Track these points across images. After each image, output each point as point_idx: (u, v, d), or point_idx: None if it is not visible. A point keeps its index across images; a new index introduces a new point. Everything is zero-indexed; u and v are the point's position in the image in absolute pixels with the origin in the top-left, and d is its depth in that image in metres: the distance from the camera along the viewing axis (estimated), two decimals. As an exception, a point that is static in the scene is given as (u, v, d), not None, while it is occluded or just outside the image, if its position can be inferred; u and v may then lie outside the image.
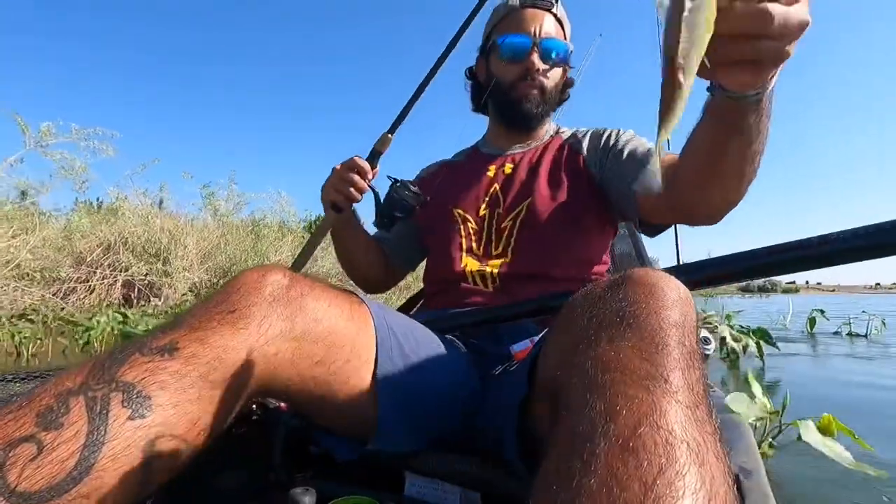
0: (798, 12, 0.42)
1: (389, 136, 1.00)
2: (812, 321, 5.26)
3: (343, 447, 0.65)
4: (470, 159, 1.16)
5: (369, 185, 0.96)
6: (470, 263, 0.95)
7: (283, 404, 0.72)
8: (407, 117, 1.02)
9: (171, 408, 0.45)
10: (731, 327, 3.50)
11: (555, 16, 1.01)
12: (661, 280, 0.49)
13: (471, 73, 1.14)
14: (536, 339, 0.78)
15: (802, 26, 0.43)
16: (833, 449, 1.35)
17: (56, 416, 0.40)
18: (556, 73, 1.03)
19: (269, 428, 0.69)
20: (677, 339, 0.42)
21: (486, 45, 1.07)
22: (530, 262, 0.93)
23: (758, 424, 1.64)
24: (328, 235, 1.09)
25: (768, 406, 1.63)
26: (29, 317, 4.82)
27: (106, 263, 6.83)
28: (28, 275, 5.76)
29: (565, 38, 1.04)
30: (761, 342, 3.31)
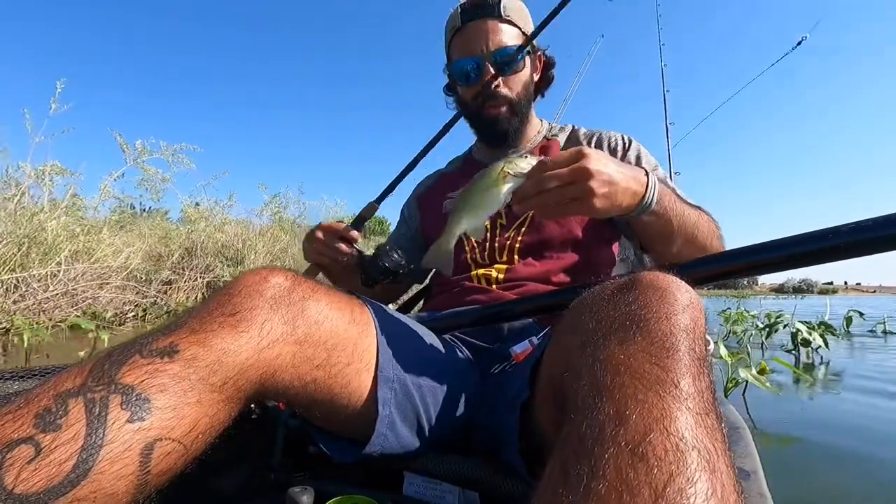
0: (562, 174, 0.60)
1: (376, 205, 0.98)
2: (849, 320, 5.49)
3: (342, 449, 0.63)
4: (465, 168, 1.12)
5: (355, 249, 0.94)
6: (474, 272, 0.94)
7: (281, 404, 0.70)
8: (395, 190, 0.99)
9: (171, 411, 0.44)
10: (804, 323, 3.87)
11: (499, 17, 0.93)
12: (671, 284, 0.47)
13: (449, 90, 1.10)
14: (536, 339, 0.76)
15: (575, 178, 0.60)
16: (757, 378, 2.11)
17: (55, 417, 0.39)
18: (520, 77, 0.97)
19: (268, 427, 0.69)
20: (687, 345, 0.41)
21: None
22: (535, 268, 0.91)
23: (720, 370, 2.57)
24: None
25: (727, 359, 2.45)
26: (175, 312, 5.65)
27: (189, 266, 7.66)
28: (137, 277, 6.60)
29: (521, 32, 0.96)
30: (825, 335, 3.75)
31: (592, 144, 1.02)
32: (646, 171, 0.71)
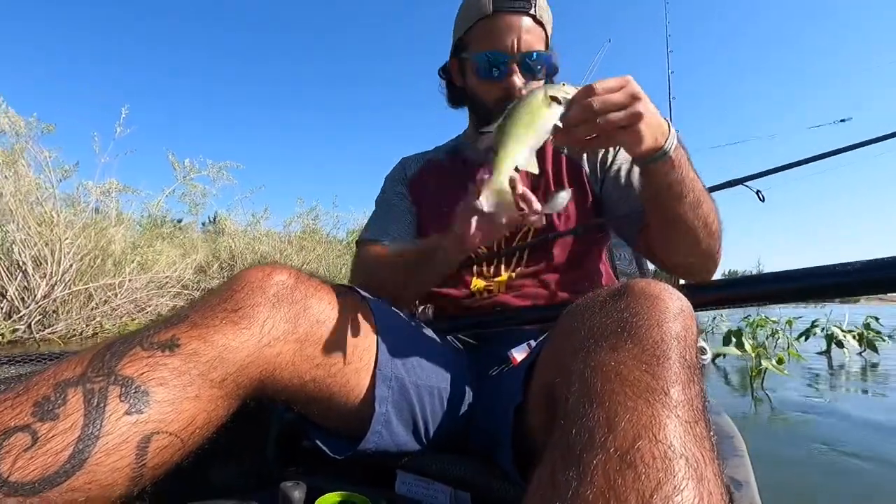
0: (616, 98, 0.56)
1: None
2: (866, 326, 5.83)
3: (336, 445, 0.63)
4: (456, 163, 1.03)
5: None
6: (477, 283, 0.91)
7: None
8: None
9: (169, 405, 0.44)
10: (838, 327, 4.51)
11: (532, 16, 0.86)
12: (663, 292, 0.47)
13: (445, 72, 1.02)
14: (534, 343, 0.75)
15: (627, 102, 0.57)
16: (775, 366, 2.80)
17: (53, 406, 0.39)
18: (538, 82, 0.90)
19: (263, 421, 0.68)
20: (678, 353, 0.41)
21: (460, 52, 0.94)
22: (539, 278, 0.89)
23: (747, 362, 3.23)
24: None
25: (752, 352, 3.07)
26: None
27: (230, 276, 8.13)
28: (187, 285, 7.08)
29: (546, 36, 0.90)
30: (874, 340, 4.38)
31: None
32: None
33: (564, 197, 0.63)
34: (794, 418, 2.16)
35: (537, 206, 0.61)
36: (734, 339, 3.57)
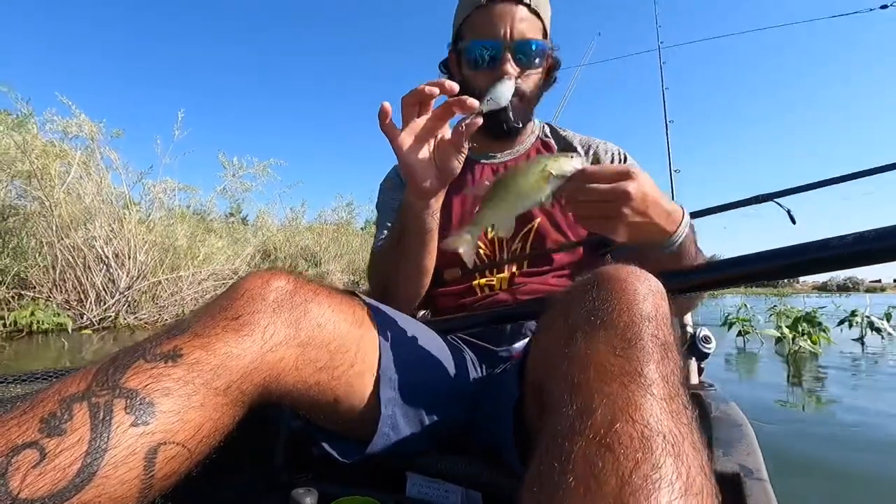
0: (600, 189, 0.58)
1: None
2: (888, 316, 6.03)
3: (345, 449, 0.63)
4: None
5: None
6: (479, 280, 0.91)
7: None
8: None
9: (175, 415, 0.44)
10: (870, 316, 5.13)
11: (528, 5, 0.86)
12: (630, 275, 0.47)
13: (445, 67, 1.01)
14: None
15: (610, 197, 0.58)
16: (810, 345, 3.42)
17: (59, 421, 0.40)
18: (534, 74, 0.91)
19: (271, 429, 0.70)
20: (650, 333, 0.41)
21: (457, 44, 0.94)
22: (541, 276, 0.90)
23: (785, 341, 3.95)
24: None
25: (788, 335, 3.70)
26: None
27: (274, 267, 8.66)
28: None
29: (543, 26, 0.90)
30: None
31: (590, 154, 0.98)
32: (683, 209, 0.68)
33: (502, 89, 0.66)
34: (829, 398, 2.42)
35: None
36: (809, 325, 4.04)
